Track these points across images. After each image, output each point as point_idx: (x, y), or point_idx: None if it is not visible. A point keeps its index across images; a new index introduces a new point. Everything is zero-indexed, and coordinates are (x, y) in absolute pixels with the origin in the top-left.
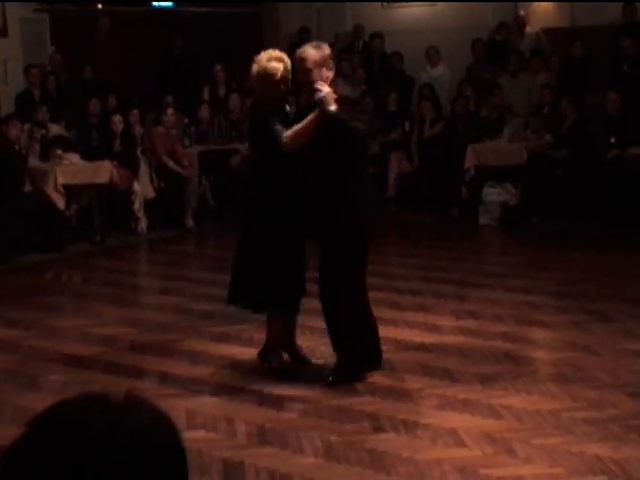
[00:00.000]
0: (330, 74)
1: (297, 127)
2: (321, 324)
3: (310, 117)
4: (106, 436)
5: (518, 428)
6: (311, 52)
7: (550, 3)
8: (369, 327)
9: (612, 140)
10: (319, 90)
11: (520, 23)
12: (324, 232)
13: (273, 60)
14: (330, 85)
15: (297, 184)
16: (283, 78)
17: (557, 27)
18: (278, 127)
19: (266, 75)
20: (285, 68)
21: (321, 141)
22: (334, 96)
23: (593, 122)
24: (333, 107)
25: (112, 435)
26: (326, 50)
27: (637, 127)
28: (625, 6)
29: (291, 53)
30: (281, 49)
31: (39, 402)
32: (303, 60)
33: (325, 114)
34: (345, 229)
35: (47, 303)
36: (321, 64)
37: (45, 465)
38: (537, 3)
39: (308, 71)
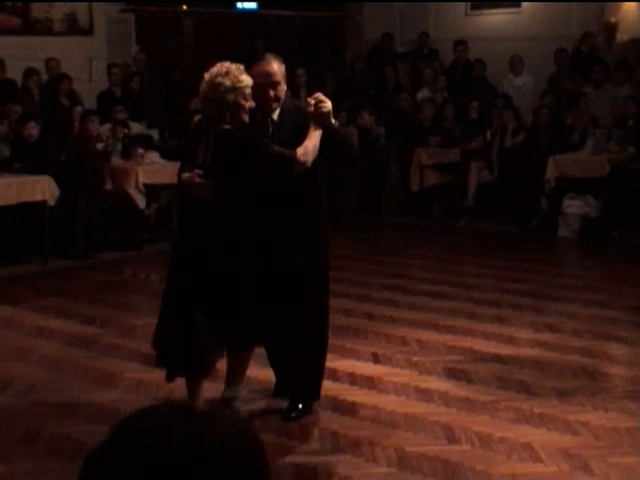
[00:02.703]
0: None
1: (308, 143)
2: None
3: (315, 131)
4: (190, 444)
5: (595, 445)
6: (277, 65)
7: (638, 10)
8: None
9: None
10: (324, 102)
11: (609, 31)
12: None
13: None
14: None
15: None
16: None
17: None
18: (274, 146)
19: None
20: None
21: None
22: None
23: None
24: (333, 121)
25: (196, 444)
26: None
27: None
28: None
29: (373, 57)
30: (363, 53)
31: (113, 399)
32: (272, 74)
33: (330, 127)
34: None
35: (124, 301)
36: (284, 77)
37: (129, 469)
38: (624, 10)
39: (277, 84)
